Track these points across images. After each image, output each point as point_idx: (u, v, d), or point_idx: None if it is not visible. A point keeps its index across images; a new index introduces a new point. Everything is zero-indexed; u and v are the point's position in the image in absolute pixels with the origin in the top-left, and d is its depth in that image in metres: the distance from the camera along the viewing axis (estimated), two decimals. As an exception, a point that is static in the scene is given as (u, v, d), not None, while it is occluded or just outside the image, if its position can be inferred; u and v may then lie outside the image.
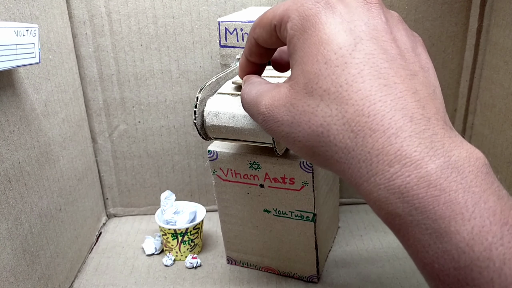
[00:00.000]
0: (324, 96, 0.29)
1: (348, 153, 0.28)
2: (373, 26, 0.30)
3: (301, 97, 0.31)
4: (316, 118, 0.30)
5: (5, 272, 0.47)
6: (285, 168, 0.54)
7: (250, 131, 0.47)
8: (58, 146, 0.61)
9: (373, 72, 0.28)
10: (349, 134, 0.28)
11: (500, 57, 0.67)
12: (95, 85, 0.73)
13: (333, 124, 0.29)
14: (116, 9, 0.69)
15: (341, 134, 0.29)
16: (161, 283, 0.65)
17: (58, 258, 0.60)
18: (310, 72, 0.30)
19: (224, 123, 0.48)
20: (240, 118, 0.47)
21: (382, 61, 0.29)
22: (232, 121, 0.47)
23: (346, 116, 0.28)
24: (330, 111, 0.29)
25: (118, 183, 0.81)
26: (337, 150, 0.29)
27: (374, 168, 0.27)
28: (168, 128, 0.77)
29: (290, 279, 0.65)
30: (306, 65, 0.30)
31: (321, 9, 0.31)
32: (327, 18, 0.30)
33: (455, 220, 0.24)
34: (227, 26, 0.55)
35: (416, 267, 0.27)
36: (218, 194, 0.61)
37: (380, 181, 0.26)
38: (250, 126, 0.47)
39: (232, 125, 0.48)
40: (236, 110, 0.47)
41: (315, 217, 0.57)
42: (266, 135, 0.46)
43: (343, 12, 0.30)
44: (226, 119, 0.48)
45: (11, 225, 0.48)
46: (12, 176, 0.49)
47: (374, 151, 0.27)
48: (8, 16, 0.49)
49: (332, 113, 0.29)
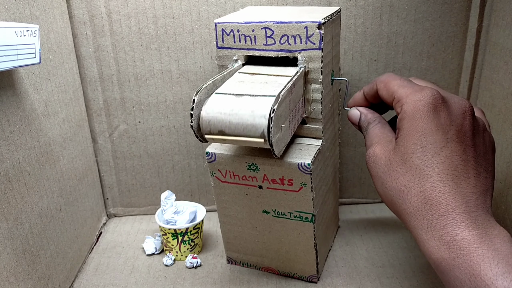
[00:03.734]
0: (413, 168, 0.42)
1: (417, 211, 0.41)
2: (463, 132, 0.42)
3: (398, 160, 0.43)
4: (403, 180, 0.42)
5: (5, 272, 0.48)
6: (284, 169, 0.54)
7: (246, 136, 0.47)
8: (59, 146, 0.62)
9: (452, 165, 0.41)
10: (421, 199, 0.40)
11: (500, 57, 0.67)
12: (95, 85, 0.74)
13: (412, 189, 0.41)
14: (116, 9, 0.69)
15: (416, 197, 0.41)
16: (161, 283, 0.66)
17: (58, 258, 0.61)
18: (409, 148, 0.42)
19: (220, 125, 0.47)
20: (236, 121, 0.47)
21: (460, 160, 0.41)
22: (228, 126, 0.47)
23: (423, 188, 0.40)
24: (413, 180, 0.41)
25: (118, 183, 0.82)
26: (409, 206, 0.41)
27: (433, 226, 0.39)
28: (168, 128, 0.77)
29: (290, 279, 0.66)
30: (409, 142, 0.43)
31: (431, 109, 0.42)
32: (434, 117, 0.42)
33: (485, 266, 0.36)
34: (224, 27, 0.55)
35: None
36: (217, 195, 0.62)
37: (435, 234, 0.39)
38: (245, 131, 0.46)
39: (227, 129, 0.47)
40: (232, 113, 0.47)
41: (314, 218, 0.58)
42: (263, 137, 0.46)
43: (445, 117, 0.42)
44: (222, 121, 0.47)
45: (11, 225, 0.49)
46: (12, 176, 0.50)
47: (436, 216, 0.39)
48: (8, 16, 0.50)
49: (414, 182, 0.41)
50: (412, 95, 0.44)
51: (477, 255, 0.36)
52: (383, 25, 0.71)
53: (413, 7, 0.70)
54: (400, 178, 0.42)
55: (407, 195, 0.41)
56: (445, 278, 0.38)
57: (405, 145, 0.42)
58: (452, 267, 0.37)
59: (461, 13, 0.71)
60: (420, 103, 0.43)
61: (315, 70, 0.53)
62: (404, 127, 0.43)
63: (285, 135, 0.50)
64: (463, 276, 0.36)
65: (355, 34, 0.71)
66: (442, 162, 0.41)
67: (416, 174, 0.41)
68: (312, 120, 0.57)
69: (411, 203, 0.41)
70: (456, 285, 0.37)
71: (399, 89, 0.46)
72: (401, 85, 0.47)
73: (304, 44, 0.52)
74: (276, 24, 0.52)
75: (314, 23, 0.51)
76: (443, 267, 0.38)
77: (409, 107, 0.43)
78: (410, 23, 0.71)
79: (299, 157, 0.54)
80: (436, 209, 0.39)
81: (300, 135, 0.59)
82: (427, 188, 0.40)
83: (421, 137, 0.42)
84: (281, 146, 0.49)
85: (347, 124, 0.77)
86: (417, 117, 0.42)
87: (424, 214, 0.40)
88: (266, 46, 0.54)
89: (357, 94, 0.55)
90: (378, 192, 0.46)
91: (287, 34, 0.52)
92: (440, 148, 0.41)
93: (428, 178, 0.40)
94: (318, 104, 0.55)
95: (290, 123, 0.51)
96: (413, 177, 0.41)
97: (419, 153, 0.41)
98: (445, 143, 0.41)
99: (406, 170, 0.42)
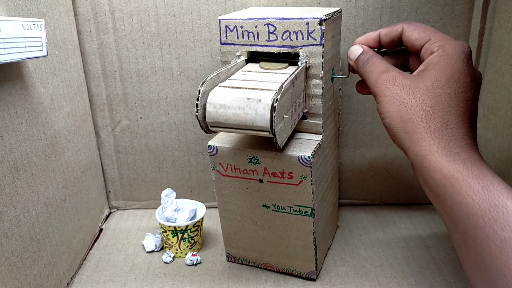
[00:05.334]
0: (442, 95, 0.48)
1: (437, 131, 0.46)
2: (477, 81, 0.50)
3: (428, 86, 0.48)
4: (430, 102, 0.48)
5: (13, 257, 0.51)
6: (284, 162, 0.57)
7: (250, 126, 0.49)
8: (64, 139, 0.66)
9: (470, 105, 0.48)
10: (443, 122, 0.47)
11: (505, 60, 0.68)
12: (99, 81, 0.77)
13: (438, 111, 0.47)
14: (120, 7, 0.73)
15: (439, 119, 0.47)
16: (161, 279, 0.68)
17: (63, 246, 0.64)
18: (442, 80, 0.48)
19: (224, 118, 0.50)
20: (240, 110, 0.49)
21: (475, 102, 0.49)
22: (232, 116, 0.50)
23: (447, 115, 0.47)
24: (439, 106, 0.47)
25: (120, 177, 0.85)
26: (431, 125, 0.47)
27: (450, 145, 0.45)
28: (169, 125, 0.81)
29: (289, 277, 0.68)
30: (442, 74, 0.48)
31: (467, 57, 0.49)
32: (468, 64, 0.49)
33: (498, 179, 0.43)
34: (228, 23, 0.58)
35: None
36: (217, 189, 0.64)
37: (452, 151, 0.45)
38: (249, 122, 0.49)
39: (232, 119, 0.50)
40: (236, 105, 0.50)
41: (314, 212, 0.60)
42: (266, 126, 0.49)
43: (472, 67, 0.50)
44: (226, 112, 0.50)
45: (19, 212, 0.53)
46: (20, 166, 0.53)
47: (454, 137, 0.46)
48: (17, 12, 0.54)
49: (439, 107, 0.47)
50: (452, 40, 0.51)
51: (488, 171, 0.43)
52: (383, 26, 0.73)
53: (414, 8, 0.72)
54: (427, 100, 0.47)
55: (432, 115, 0.47)
56: (455, 189, 0.43)
57: (438, 77, 0.49)
58: (466, 177, 0.43)
59: (463, 15, 0.73)
60: (460, 48, 0.50)
61: (316, 66, 0.57)
62: (441, 63, 0.49)
63: (287, 127, 0.53)
64: (476, 185, 0.42)
65: (355, 34, 0.74)
66: (466, 100, 0.48)
67: (443, 100, 0.47)
68: (312, 115, 0.60)
69: (434, 123, 0.47)
70: (468, 194, 0.42)
71: (436, 33, 0.53)
72: (436, 31, 0.53)
73: (306, 40, 0.55)
74: (279, 20, 0.56)
75: (315, 19, 0.54)
76: (455, 178, 0.43)
77: (449, 48, 0.50)
78: (411, 24, 0.73)
79: (299, 150, 0.56)
80: (456, 133, 0.46)
81: (300, 130, 0.61)
82: (451, 115, 0.47)
83: (456, 74, 0.48)
84: (283, 136, 0.51)
85: (347, 125, 0.79)
86: (456, 58, 0.49)
87: (443, 134, 0.46)
88: (269, 42, 0.57)
89: (371, 34, 0.59)
90: (389, 111, 0.50)
91: (289, 30, 0.56)
92: (468, 90, 0.48)
93: (453, 108, 0.47)
94: (319, 99, 0.58)
95: (292, 116, 0.54)
96: (440, 103, 0.47)
97: (452, 85, 0.48)
98: (470, 87, 0.49)
99: (434, 95, 0.48)
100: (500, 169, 0.70)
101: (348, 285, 0.66)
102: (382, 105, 0.50)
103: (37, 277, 0.57)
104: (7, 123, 0.51)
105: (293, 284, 0.66)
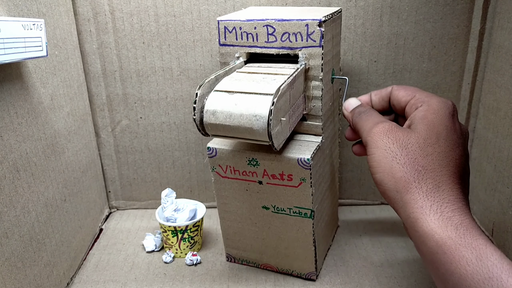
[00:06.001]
0: (433, 154, 0.48)
1: (428, 193, 0.46)
2: (464, 137, 0.51)
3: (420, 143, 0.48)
4: (422, 161, 0.47)
5: (13, 257, 0.52)
6: (283, 164, 0.57)
7: (247, 129, 0.50)
8: (64, 139, 0.67)
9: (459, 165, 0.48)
10: (435, 184, 0.46)
11: (505, 60, 0.68)
12: (99, 81, 0.78)
13: (429, 172, 0.46)
14: (119, 7, 0.74)
15: (431, 180, 0.46)
16: (161, 279, 0.68)
17: (63, 246, 0.65)
18: (432, 137, 0.48)
19: (221, 122, 0.51)
20: (236, 117, 0.50)
21: (464, 160, 0.49)
22: (229, 120, 0.50)
23: (438, 176, 0.47)
24: (431, 165, 0.47)
25: (120, 177, 0.86)
26: (422, 186, 0.46)
27: (442, 209, 0.44)
28: (168, 125, 0.81)
29: (288, 277, 0.68)
30: (432, 131, 0.49)
31: (451, 113, 0.51)
32: (453, 121, 0.50)
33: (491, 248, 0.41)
34: (226, 25, 0.59)
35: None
36: (217, 191, 0.65)
37: (444, 216, 0.44)
38: (246, 124, 0.50)
39: (229, 123, 0.50)
40: (233, 109, 0.50)
41: (313, 214, 0.60)
42: (262, 133, 0.49)
43: (458, 124, 0.51)
44: (223, 117, 0.51)
45: (19, 212, 0.54)
46: (20, 166, 0.54)
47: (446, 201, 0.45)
48: (17, 12, 0.55)
49: (431, 168, 0.47)
50: (436, 97, 0.53)
51: (482, 238, 0.42)
52: (384, 26, 0.74)
53: (414, 8, 0.73)
54: (419, 158, 0.47)
55: (424, 175, 0.46)
56: (448, 258, 0.42)
57: (429, 134, 0.49)
58: (458, 246, 0.42)
59: (464, 15, 0.73)
60: (444, 104, 0.51)
61: (315, 67, 0.57)
62: (428, 117, 0.50)
63: (285, 129, 0.53)
64: (469, 255, 0.41)
65: (355, 34, 0.75)
66: (456, 158, 0.48)
67: (435, 160, 0.47)
68: (312, 117, 0.60)
69: (426, 184, 0.46)
70: (461, 264, 0.41)
71: (421, 91, 0.55)
72: (421, 90, 0.55)
73: (305, 41, 0.56)
74: (278, 21, 0.56)
75: (314, 20, 0.54)
76: (448, 246, 0.42)
77: (434, 103, 0.51)
78: (411, 25, 0.74)
79: (299, 153, 0.57)
80: (447, 196, 0.45)
81: (300, 131, 0.62)
82: (442, 176, 0.46)
83: (444, 131, 0.49)
84: (280, 139, 0.52)
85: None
86: (441, 114, 0.50)
87: (435, 197, 0.45)
88: (268, 43, 0.58)
89: (362, 96, 0.61)
90: (380, 166, 0.49)
91: (288, 31, 0.56)
92: (456, 147, 0.49)
93: (444, 168, 0.47)
94: (318, 101, 0.59)
95: (290, 118, 0.55)
96: (432, 162, 0.47)
97: (441, 143, 0.48)
98: (457, 145, 0.49)
99: (426, 154, 0.47)
100: (500, 169, 0.70)
101: (348, 285, 0.66)
102: (373, 158, 0.50)
103: (37, 277, 0.58)
104: (7, 123, 0.52)
105: (293, 284, 0.67)
